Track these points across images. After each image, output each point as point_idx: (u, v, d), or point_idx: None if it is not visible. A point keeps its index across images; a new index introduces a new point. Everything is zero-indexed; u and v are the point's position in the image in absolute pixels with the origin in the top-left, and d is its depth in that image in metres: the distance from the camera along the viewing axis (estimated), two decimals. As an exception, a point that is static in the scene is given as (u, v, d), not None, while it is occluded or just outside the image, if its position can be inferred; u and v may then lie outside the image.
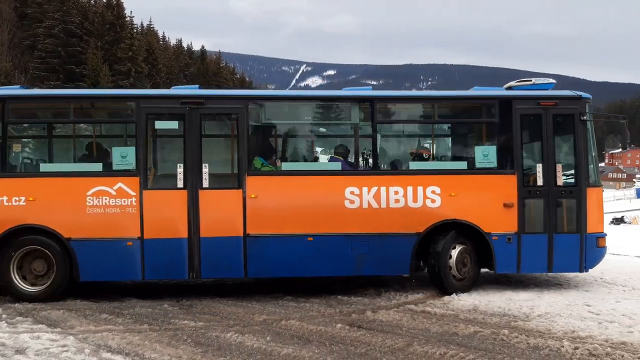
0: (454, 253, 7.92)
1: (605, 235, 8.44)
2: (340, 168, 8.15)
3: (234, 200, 7.66)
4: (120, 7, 69.85)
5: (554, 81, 8.73)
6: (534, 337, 5.49)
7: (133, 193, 7.52)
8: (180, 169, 7.64)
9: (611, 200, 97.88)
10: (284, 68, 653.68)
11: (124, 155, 7.64)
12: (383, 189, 7.92)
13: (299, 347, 5.13)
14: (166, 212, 7.59)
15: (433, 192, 8.00)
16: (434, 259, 7.87)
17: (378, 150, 8.23)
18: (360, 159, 8.38)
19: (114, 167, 7.61)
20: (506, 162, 8.18)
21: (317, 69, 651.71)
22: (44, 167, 7.99)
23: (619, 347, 5.18)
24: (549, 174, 8.15)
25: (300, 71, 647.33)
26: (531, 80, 8.72)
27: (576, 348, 5.10)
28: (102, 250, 7.51)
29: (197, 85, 9.31)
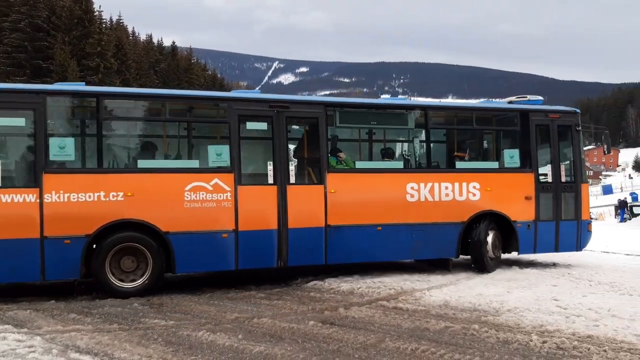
0: (490, 238, 9.52)
1: (592, 221, 10.55)
2: (402, 167, 9.67)
3: (316, 195, 8.57)
4: (88, 1, 68.59)
5: (542, 98, 10.91)
6: (503, 332, 5.57)
7: (228, 188, 8.02)
8: (270, 166, 8.34)
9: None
10: (256, 65, 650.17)
11: (219, 153, 8.11)
12: (436, 184, 9.30)
13: (271, 345, 5.10)
14: (258, 206, 8.22)
15: (474, 187, 9.53)
16: (477, 243, 9.42)
17: (431, 151, 9.56)
18: (416, 158, 9.89)
19: (210, 164, 8.07)
20: (526, 162, 9.91)
21: (290, 65, 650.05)
22: (142, 163, 8.07)
23: (585, 340, 5.28)
24: (556, 173, 10.08)
25: (273, 68, 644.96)
26: (526, 97, 10.66)
27: (544, 342, 5.19)
28: (199, 243, 7.91)
29: (258, 90, 10.07)
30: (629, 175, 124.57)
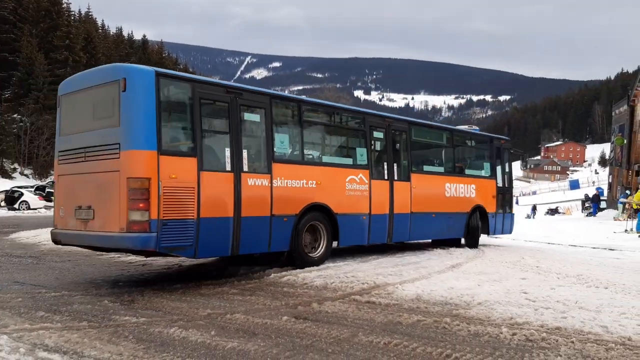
0: (480, 224, 13.78)
1: (514, 214, 15.90)
2: (443, 171, 13.15)
3: (407, 189, 11.47)
4: (56, -7, 67.02)
5: (478, 128, 15.84)
6: (474, 325, 5.64)
7: (367, 181, 10.51)
8: (385, 166, 11.10)
9: (546, 191, 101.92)
10: (228, 59, 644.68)
11: (361, 154, 10.65)
12: (457, 185, 13.07)
13: (244, 340, 5.07)
14: (380, 196, 10.78)
15: (472, 188, 13.57)
16: (474, 227, 13.56)
17: (455, 161, 13.53)
18: (448, 165, 13.51)
19: (358, 162, 10.53)
20: (492, 173, 14.46)
21: (263, 60, 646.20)
22: (325, 158, 10.44)
23: (553, 332, 5.39)
24: (502, 180, 14.79)
25: (245, 62, 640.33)
26: (472, 127, 15.76)
27: (514, 334, 5.28)
28: (352, 222, 10.18)
29: (358, 108, 12.49)
30: (595, 170, 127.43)
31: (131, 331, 5.40)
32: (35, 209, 35.26)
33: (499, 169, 14.79)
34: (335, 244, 9.84)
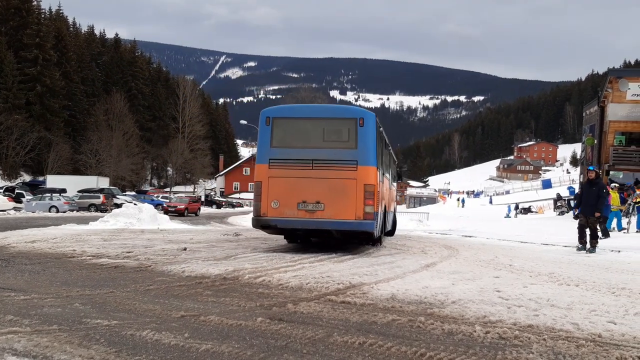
0: (396, 219, 19.31)
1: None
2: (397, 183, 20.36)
3: (393, 193, 15.61)
4: (26, -10, 65.77)
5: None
6: (448, 323, 5.67)
7: (389, 187, 14.60)
8: (391, 176, 16.34)
9: (519, 191, 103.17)
10: (202, 58, 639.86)
11: (390, 168, 15.91)
12: (395, 191, 17.99)
13: (218, 342, 5.02)
14: (391, 198, 15.61)
15: (394, 193, 17.34)
16: (395, 221, 18.49)
17: (395, 174, 18.83)
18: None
19: (391, 173, 15.78)
20: (397, 180, 20.07)
21: (238, 60, 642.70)
22: (386, 174, 14.12)
23: (526, 330, 5.45)
24: (395, 186, 19.97)
25: (220, 62, 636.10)
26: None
27: (487, 332, 5.32)
28: (388, 216, 14.45)
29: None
30: (567, 170, 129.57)
31: (102, 334, 5.29)
32: (4, 210, 34.53)
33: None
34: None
